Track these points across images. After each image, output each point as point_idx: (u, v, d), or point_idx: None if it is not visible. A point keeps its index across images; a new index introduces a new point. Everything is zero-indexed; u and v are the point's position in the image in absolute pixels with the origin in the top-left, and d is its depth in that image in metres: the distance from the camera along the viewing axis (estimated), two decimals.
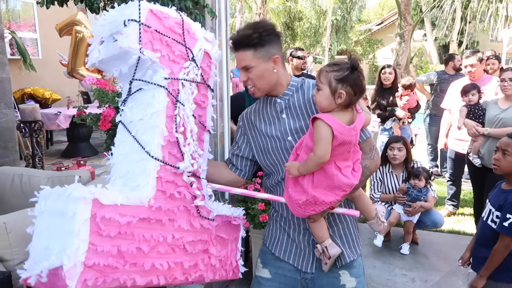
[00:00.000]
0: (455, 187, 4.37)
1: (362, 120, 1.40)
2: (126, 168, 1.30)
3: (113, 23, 1.29)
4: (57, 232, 1.09)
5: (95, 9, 2.54)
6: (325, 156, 1.30)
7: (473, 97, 3.55)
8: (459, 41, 19.21)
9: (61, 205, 1.09)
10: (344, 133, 1.30)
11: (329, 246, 1.47)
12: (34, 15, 8.49)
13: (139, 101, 1.35)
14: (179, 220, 1.34)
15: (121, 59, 1.30)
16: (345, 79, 1.31)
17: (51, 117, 6.36)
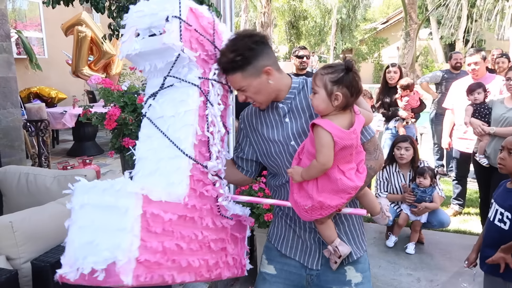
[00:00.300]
0: (461, 186, 4.35)
1: (362, 121, 1.39)
2: (155, 165, 1.28)
3: (152, 16, 1.27)
4: (106, 227, 1.06)
5: (101, 8, 2.56)
6: (328, 162, 1.30)
7: (478, 95, 3.52)
8: (465, 39, 19.09)
9: (111, 199, 1.07)
10: (344, 137, 1.29)
11: (339, 246, 1.47)
12: (40, 15, 8.54)
13: (170, 98, 1.33)
14: (206, 218, 1.36)
15: (159, 55, 1.29)
16: (340, 81, 1.31)
17: (57, 116, 6.39)
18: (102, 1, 2.54)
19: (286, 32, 24.97)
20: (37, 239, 1.73)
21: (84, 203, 1.09)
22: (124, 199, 1.06)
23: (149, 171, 1.28)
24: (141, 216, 1.08)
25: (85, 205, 1.09)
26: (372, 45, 25.03)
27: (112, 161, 6.06)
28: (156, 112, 1.34)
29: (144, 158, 1.30)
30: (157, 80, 1.37)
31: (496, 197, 2.21)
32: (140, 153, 1.31)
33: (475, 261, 2.29)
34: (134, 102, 2.55)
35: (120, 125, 2.56)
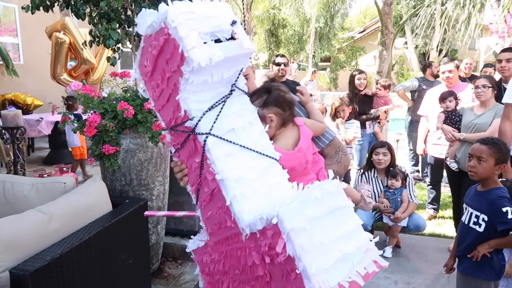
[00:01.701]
0: (435, 191, 4.48)
1: (308, 134, 1.40)
2: (258, 181, 1.16)
3: (213, 19, 1.12)
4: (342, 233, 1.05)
5: (81, 15, 2.56)
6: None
7: (450, 103, 3.68)
8: (439, 49, 19.68)
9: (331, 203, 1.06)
10: (289, 159, 1.31)
11: None
12: (16, 20, 8.37)
13: (230, 109, 1.21)
14: None
15: (233, 62, 1.17)
16: (266, 103, 1.33)
17: (32, 123, 6.26)
18: (83, 8, 2.53)
19: (266, 40, 25.18)
20: (16, 248, 1.70)
21: (309, 219, 0.99)
22: (341, 197, 1.06)
23: (254, 189, 1.14)
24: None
25: (312, 221, 1.00)
26: (350, 54, 25.51)
27: (90, 169, 5.96)
28: (222, 128, 1.17)
29: (238, 179, 1.13)
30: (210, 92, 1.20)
31: (468, 200, 2.30)
32: (232, 175, 1.13)
33: (452, 267, 2.36)
34: (114, 109, 2.55)
35: (100, 132, 2.55)
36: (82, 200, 2.14)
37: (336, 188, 1.05)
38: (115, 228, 2.16)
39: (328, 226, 1.00)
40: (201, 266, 1.34)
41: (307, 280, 0.92)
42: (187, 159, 1.26)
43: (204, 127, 1.15)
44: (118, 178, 2.74)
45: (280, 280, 1.02)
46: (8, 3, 8.02)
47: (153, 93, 1.27)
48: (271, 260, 1.01)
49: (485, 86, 3.22)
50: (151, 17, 1.13)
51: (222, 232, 1.20)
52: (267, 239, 1.01)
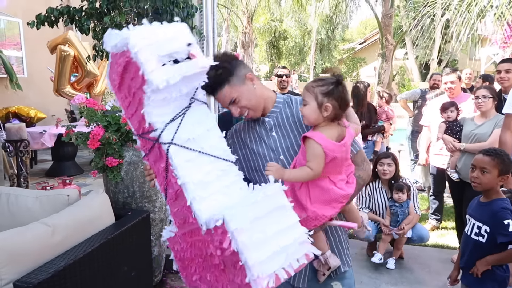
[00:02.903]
0: (438, 201, 4.47)
1: (351, 135, 1.46)
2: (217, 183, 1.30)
3: (170, 41, 1.24)
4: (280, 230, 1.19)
5: (85, 30, 2.60)
6: (319, 171, 1.36)
7: (451, 113, 3.69)
8: (439, 59, 19.79)
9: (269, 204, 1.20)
10: (334, 150, 1.36)
11: (330, 257, 1.52)
12: (20, 34, 8.48)
13: (190, 119, 1.34)
14: None
15: (190, 79, 1.29)
16: (330, 93, 1.38)
17: (35, 136, 6.30)
18: (87, 23, 2.58)
19: (267, 51, 25.40)
20: (20, 260, 1.71)
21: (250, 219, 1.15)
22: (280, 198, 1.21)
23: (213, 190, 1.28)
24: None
25: (253, 221, 1.16)
26: (351, 65, 25.70)
27: (92, 181, 5.98)
28: (182, 137, 1.31)
29: (197, 182, 1.27)
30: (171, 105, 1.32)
31: (471, 211, 2.30)
32: (188, 179, 1.26)
33: (457, 279, 2.35)
34: (117, 121, 2.58)
35: (104, 144, 2.58)
36: (85, 213, 2.16)
37: (275, 191, 1.20)
38: (118, 240, 2.17)
39: (267, 224, 1.17)
40: (174, 252, 1.52)
41: (248, 270, 1.12)
42: (155, 163, 1.41)
43: (167, 137, 1.29)
44: (121, 190, 2.76)
45: (231, 268, 1.21)
46: (13, 18, 8.13)
47: (123, 103, 1.42)
48: (221, 252, 1.18)
49: (486, 97, 3.24)
50: (115, 39, 1.25)
51: (186, 226, 1.37)
52: (218, 236, 1.18)
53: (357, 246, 3.95)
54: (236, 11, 19.97)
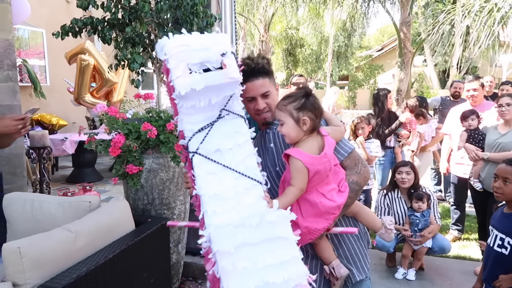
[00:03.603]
0: (460, 211, 4.37)
1: (332, 143, 1.45)
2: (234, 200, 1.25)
3: (204, 51, 1.26)
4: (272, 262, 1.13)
5: (108, 40, 2.66)
6: (303, 187, 1.37)
7: (472, 122, 3.62)
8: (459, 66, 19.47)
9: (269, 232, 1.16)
10: (315, 163, 1.36)
11: (336, 267, 1.51)
12: (44, 43, 8.73)
13: (221, 131, 1.32)
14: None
15: (219, 89, 1.28)
16: (304, 106, 1.39)
17: (57, 143, 6.44)
18: (109, 33, 2.64)
19: (283, 59, 25.45)
20: (44, 265, 1.74)
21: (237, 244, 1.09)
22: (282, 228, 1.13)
23: (228, 207, 1.23)
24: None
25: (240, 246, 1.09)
26: (368, 72, 25.46)
27: (111, 187, 6.06)
28: (208, 148, 1.30)
29: (216, 196, 1.24)
30: (202, 115, 1.32)
31: (494, 222, 2.25)
32: (208, 191, 1.25)
33: None
34: (138, 129, 2.62)
35: (124, 152, 2.62)
36: (106, 219, 2.19)
37: (279, 219, 1.11)
38: (138, 247, 2.20)
39: (258, 253, 1.08)
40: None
41: None
42: (188, 171, 1.40)
43: (193, 146, 1.29)
44: (141, 197, 2.79)
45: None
46: (37, 28, 8.38)
47: (174, 109, 1.43)
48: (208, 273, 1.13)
49: (509, 105, 3.17)
50: (159, 47, 1.30)
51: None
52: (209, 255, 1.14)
53: (376, 256, 3.89)
54: (253, 19, 20.11)
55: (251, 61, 1.53)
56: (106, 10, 2.62)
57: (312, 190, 1.39)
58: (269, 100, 1.55)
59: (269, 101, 1.55)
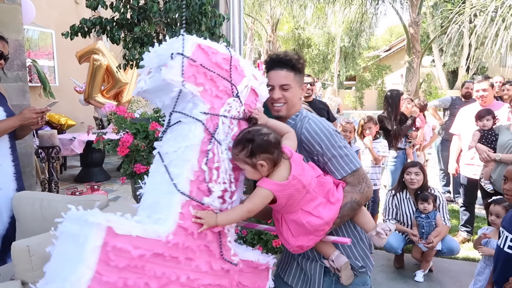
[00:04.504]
0: (469, 213, 4.33)
1: (298, 159, 1.40)
2: (153, 199, 1.30)
3: (161, 55, 1.29)
4: (69, 256, 1.08)
5: (116, 40, 2.67)
6: (255, 210, 1.36)
7: (487, 122, 3.57)
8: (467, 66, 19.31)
9: (77, 228, 1.09)
10: (283, 189, 1.34)
11: (335, 258, 1.50)
12: (53, 44, 8.80)
13: (176, 133, 1.36)
14: (197, 260, 1.28)
15: (164, 91, 1.31)
16: (253, 152, 1.33)
17: (65, 142, 6.48)
18: (118, 33, 2.65)
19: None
20: None
21: (62, 231, 1.15)
22: (86, 228, 1.06)
23: (147, 205, 1.30)
24: (101, 248, 1.05)
25: (62, 233, 1.15)
26: (376, 72, 25.35)
27: (119, 187, 6.09)
28: (164, 148, 1.37)
29: (147, 192, 1.34)
30: (167, 116, 1.42)
31: (504, 223, 2.21)
32: (145, 187, 1.36)
33: None
34: (146, 129, 2.62)
35: (132, 151, 2.62)
36: None
37: (87, 219, 1.09)
38: None
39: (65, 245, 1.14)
40: None
41: None
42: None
43: (157, 144, 1.42)
44: None
45: None
46: (46, 29, 8.45)
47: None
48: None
49: None
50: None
51: None
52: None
53: (384, 258, 3.86)
54: (260, 19, 20.13)
55: (283, 53, 1.57)
56: (115, 10, 2.63)
57: (296, 210, 1.37)
58: (287, 94, 1.55)
59: (287, 94, 1.55)
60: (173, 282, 1.20)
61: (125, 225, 1.12)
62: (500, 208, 2.59)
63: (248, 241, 2.89)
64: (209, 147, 1.33)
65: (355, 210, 1.49)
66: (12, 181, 2.46)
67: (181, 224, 1.24)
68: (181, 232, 1.23)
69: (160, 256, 1.18)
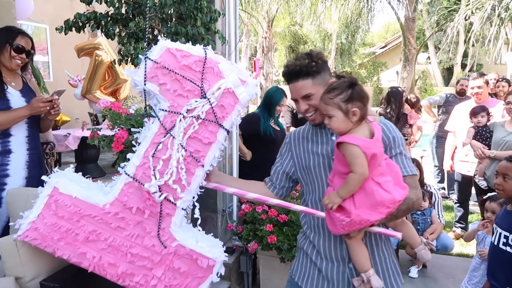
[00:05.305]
0: (463, 209, 4.36)
1: (379, 129, 1.43)
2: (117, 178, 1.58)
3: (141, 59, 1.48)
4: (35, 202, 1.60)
5: (111, 35, 2.64)
6: (365, 172, 1.33)
7: (482, 119, 3.59)
8: (462, 63, 19.38)
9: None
10: (370, 146, 1.34)
11: (372, 277, 1.43)
12: (47, 39, 8.73)
13: (146, 126, 1.56)
14: (130, 231, 1.54)
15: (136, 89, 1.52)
16: (352, 97, 1.36)
17: (60, 138, 6.44)
18: (113, 28, 2.62)
19: (287, 56, 25.37)
20: (42, 258, 1.74)
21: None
22: (45, 185, 1.56)
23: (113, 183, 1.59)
24: (48, 198, 1.55)
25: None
26: (371, 69, 25.39)
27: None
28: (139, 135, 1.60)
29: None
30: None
31: (497, 220, 2.23)
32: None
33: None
34: (141, 125, 2.60)
35: (127, 147, 2.60)
36: None
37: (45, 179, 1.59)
38: None
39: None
40: None
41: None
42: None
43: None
44: None
45: None
46: (40, 24, 8.38)
47: None
48: None
49: None
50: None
51: None
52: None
53: None
54: (256, 15, 20.06)
55: (292, 63, 1.50)
56: (109, 5, 2.60)
57: (368, 179, 1.34)
58: (312, 102, 1.50)
59: (312, 102, 1.50)
60: (102, 241, 1.54)
61: (68, 187, 1.56)
62: (496, 205, 2.61)
63: (243, 237, 2.89)
64: (161, 140, 1.48)
65: (409, 211, 1.46)
66: (23, 169, 2.51)
67: (119, 199, 1.52)
68: (118, 204, 1.52)
69: (94, 218, 1.53)
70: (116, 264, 1.54)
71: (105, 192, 1.55)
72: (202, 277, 1.57)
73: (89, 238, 1.53)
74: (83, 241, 1.53)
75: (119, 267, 1.54)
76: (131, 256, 1.54)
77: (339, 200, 1.36)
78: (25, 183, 2.54)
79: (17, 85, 2.57)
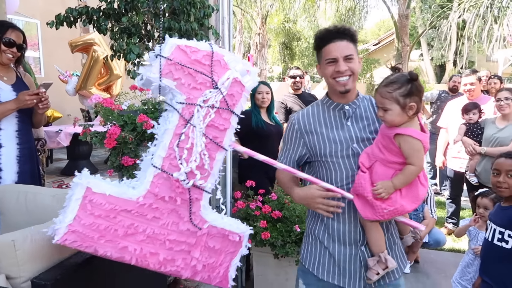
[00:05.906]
0: (455, 205, 4.39)
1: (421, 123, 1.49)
2: (140, 171, 1.61)
3: (152, 57, 1.54)
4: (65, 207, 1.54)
5: (103, 30, 2.62)
6: (422, 165, 1.40)
7: (473, 116, 3.61)
8: (454, 60, 19.50)
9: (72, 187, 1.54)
10: (427, 141, 1.41)
11: (389, 257, 1.51)
12: (38, 35, 8.62)
13: (162, 119, 1.61)
14: (165, 220, 1.59)
15: (149, 85, 1.56)
16: (410, 92, 1.39)
17: (51, 135, 6.38)
18: (105, 23, 2.60)
19: (280, 52, 25.35)
20: (38, 258, 1.72)
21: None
22: (74, 187, 1.52)
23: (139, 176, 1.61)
24: (81, 200, 1.51)
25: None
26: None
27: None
28: (155, 131, 1.62)
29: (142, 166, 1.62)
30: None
31: (491, 216, 2.23)
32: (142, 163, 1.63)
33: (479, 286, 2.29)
34: (134, 121, 2.58)
35: (120, 144, 2.58)
36: None
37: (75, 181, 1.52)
38: None
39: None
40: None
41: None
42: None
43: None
44: None
45: None
46: (31, 19, 8.27)
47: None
48: None
49: (508, 99, 3.17)
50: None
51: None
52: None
53: None
54: (250, 11, 20.00)
55: (339, 25, 1.56)
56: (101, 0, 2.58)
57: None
58: (352, 65, 1.51)
59: (352, 65, 1.51)
60: (140, 233, 1.56)
61: (101, 186, 1.53)
62: (487, 200, 2.62)
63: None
64: (183, 131, 1.55)
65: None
66: (15, 163, 2.50)
67: (151, 191, 1.56)
68: (150, 196, 1.56)
69: (130, 212, 1.55)
70: (157, 253, 1.60)
71: (134, 187, 1.59)
72: (234, 252, 1.68)
73: (128, 232, 1.56)
74: (123, 236, 1.56)
75: (159, 255, 1.60)
76: (170, 243, 1.60)
77: (393, 190, 1.40)
78: (17, 178, 2.51)
79: (9, 80, 2.53)
